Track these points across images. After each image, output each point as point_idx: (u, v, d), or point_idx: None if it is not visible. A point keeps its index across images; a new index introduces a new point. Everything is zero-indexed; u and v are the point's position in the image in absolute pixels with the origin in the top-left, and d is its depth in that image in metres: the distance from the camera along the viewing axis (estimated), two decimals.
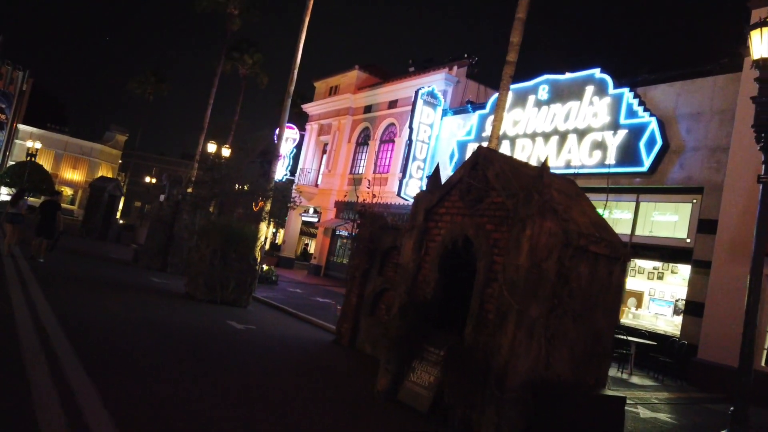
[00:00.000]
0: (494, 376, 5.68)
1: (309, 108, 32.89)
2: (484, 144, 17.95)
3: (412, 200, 22.24)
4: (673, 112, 14.69)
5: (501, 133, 19.11)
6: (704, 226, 13.34)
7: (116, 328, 8.16)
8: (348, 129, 29.29)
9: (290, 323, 11.98)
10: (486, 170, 6.56)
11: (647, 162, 14.58)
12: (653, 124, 14.60)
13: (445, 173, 21.85)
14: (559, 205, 6.18)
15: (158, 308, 10.66)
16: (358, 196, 12.20)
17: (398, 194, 21.97)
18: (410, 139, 22.06)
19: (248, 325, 10.43)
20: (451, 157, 20.88)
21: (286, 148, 32.12)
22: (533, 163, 17.63)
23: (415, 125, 21.92)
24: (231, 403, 5.64)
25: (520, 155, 18.14)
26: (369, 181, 19.38)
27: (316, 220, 30.74)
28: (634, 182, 15.14)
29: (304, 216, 31.89)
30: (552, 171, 16.95)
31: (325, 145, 31.29)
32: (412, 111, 22.06)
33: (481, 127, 19.93)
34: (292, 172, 34.00)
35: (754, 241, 7.00)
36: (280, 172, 29.71)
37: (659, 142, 14.44)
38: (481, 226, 6.44)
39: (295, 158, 34.39)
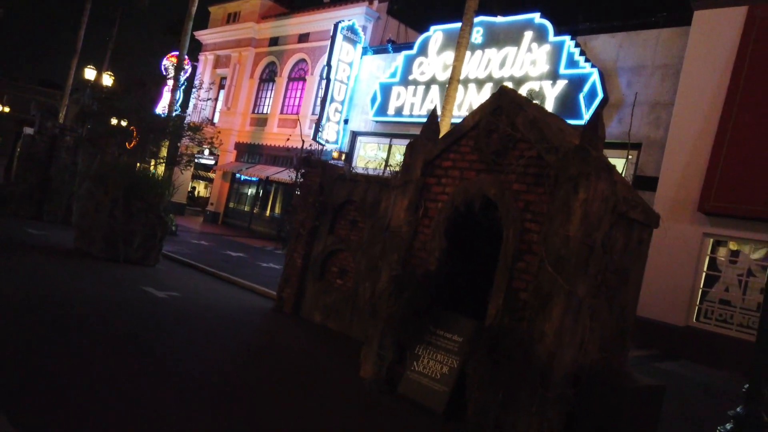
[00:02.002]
0: (537, 371, 4.65)
1: (203, 36, 29.39)
2: (434, 88, 16.55)
3: (327, 145, 20.68)
4: (613, 65, 14.31)
5: (429, 77, 17.98)
6: (641, 182, 13.26)
7: (5, 311, 6.10)
8: (250, 63, 26.53)
9: (215, 286, 10.25)
10: (514, 117, 5.33)
11: (587, 115, 14.16)
12: (595, 76, 14.15)
13: (365, 118, 20.48)
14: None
15: (50, 274, 8.48)
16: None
17: (314, 138, 20.19)
18: (328, 78, 20.18)
19: (170, 292, 8.62)
20: (373, 100, 19.40)
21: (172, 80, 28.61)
22: (465, 111, 16.72)
23: (333, 63, 20.04)
24: (196, 407, 4.12)
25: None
26: (299, 123, 17.35)
27: (212, 162, 28.03)
28: None
29: (198, 157, 28.91)
30: None
31: (223, 79, 28.26)
32: (331, 47, 20.10)
33: (407, 70, 18.56)
34: (182, 107, 30.54)
35: None
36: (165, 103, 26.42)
37: (600, 95, 14.04)
38: (507, 185, 5.27)
39: (186, 92, 30.88)
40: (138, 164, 11.77)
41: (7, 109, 47.98)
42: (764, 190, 10.91)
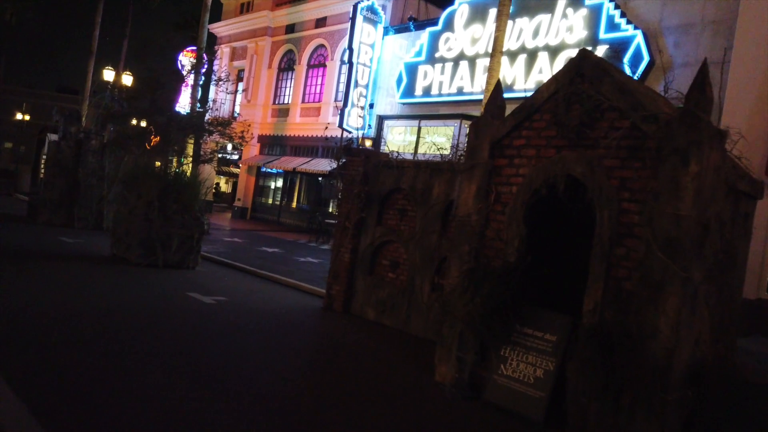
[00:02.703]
0: (652, 371, 4.07)
1: (217, 29, 28.88)
2: (463, 62, 15.68)
3: (354, 132, 20.09)
4: (658, 25, 13.43)
5: (457, 53, 17.23)
6: None
7: (50, 328, 5.69)
8: (267, 52, 25.98)
9: (258, 286, 9.81)
10: (598, 83, 4.68)
11: None
12: (639, 38, 13.30)
13: (391, 101, 19.82)
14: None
15: (90, 284, 8.10)
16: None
17: (340, 126, 19.62)
18: (350, 62, 19.54)
19: (216, 296, 8.19)
20: (398, 81, 18.72)
21: (191, 76, 28.20)
22: None
23: (354, 46, 19.37)
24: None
25: (481, 77, 16.37)
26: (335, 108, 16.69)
27: (236, 157, 27.67)
28: None
29: (221, 153, 28.57)
30: (521, 95, 15.45)
31: (240, 71, 27.77)
32: (351, 29, 19.42)
33: (433, 47, 17.82)
34: (202, 102, 30.17)
35: None
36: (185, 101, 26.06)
37: (646, 59, 13.21)
38: (597, 161, 4.64)
39: (204, 87, 30.47)
40: (170, 165, 11.34)
41: (27, 117, 48.20)
42: None
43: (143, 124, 16.51)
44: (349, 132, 19.75)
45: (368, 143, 19.97)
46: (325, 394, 4.85)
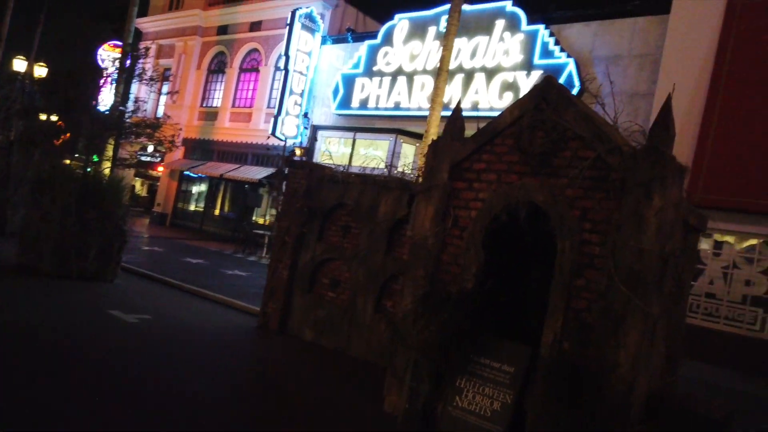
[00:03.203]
0: (612, 406, 4.03)
1: (143, 24, 27.44)
2: (383, 79, 15.54)
3: (287, 140, 19.60)
4: (589, 54, 13.99)
5: (396, 68, 17.19)
6: None
7: None
8: (197, 53, 24.96)
9: (185, 302, 9.18)
10: (563, 111, 4.66)
11: None
12: (571, 66, 13.79)
13: (326, 111, 19.52)
14: None
15: None
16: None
17: (272, 133, 19.07)
18: (286, 69, 19.06)
19: (139, 314, 7.54)
20: (335, 92, 18.46)
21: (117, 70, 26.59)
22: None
23: (291, 53, 18.93)
24: None
25: (419, 94, 16.45)
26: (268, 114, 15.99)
27: (157, 159, 26.30)
28: None
29: (140, 155, 27.05)
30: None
31: (167, 70, 26.47)
32: (288, 36, 18.98)
33: (371, 60, 17.72)
34: (122, 101, 28.49)
35: None
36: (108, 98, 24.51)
37: (577, 86, 13.70)
38: (558, 190, 4.60)
39: (126, 85, 28.82)
40: (89, 166, 10.45)
41: None
42: (751, 182, 10.81)
43: (54, 119, 15.29)
44: (283, 140, 19.23)
45: (298, 152, 19.56)
46: (261, 428, 4.48)
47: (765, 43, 11.07)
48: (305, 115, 19.55)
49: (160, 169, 25.90)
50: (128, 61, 15.11)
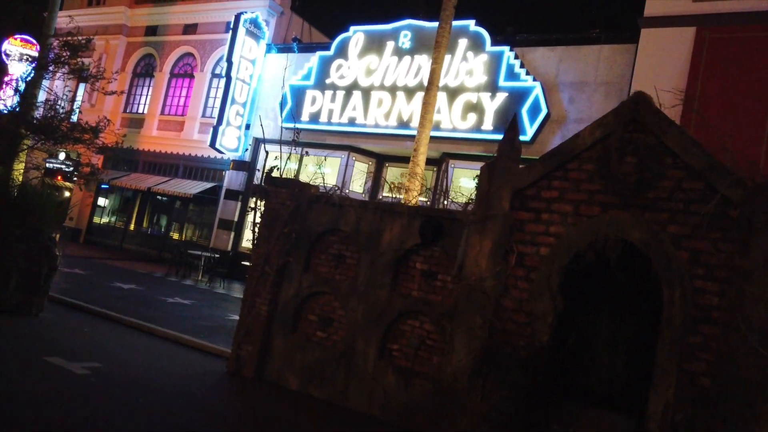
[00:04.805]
0: None
1: (58, 18, 24.80)
2: (354, 94, 14.60)
3: (227, 153, 18.08)
4: (554, 79, 13.80)
5: (351, 82, 16.28)
6: None
7: None
8: (120, 54, 22.83)
9: (134, 341, 7.70)
10: (662, 134, 3.97)
11: (530, 131, 13.48)
12: (537, 90, 13.52)
13: (270, 123, 18.23)
14: None
15: None
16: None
17: (212, 145, 17.50)
18: (228, 76, 17.62)
19: (86, 362, 6.07)
20: (283, 104, 17.26)
21: (19, 68, 23.77)
22: (394, 121, 15.33)
23: (234, 59, 17.54)
24: None
25: (376, 111, 15.64)
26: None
27: (69, 168, 23.64)
28: None
29: (48, 162, 24.26)
30: (416, 133, 14.74)
31: (84, 71, 23.99)
32: (232, 41, 17.58)
33: (323, 72, 16.71)
34: (27, 101, 25.53)
35: None
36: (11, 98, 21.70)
37: (544, 110, 13.44)
38: (659, 226, 3.89)
39: (33, 84, 25.91)
40: (12, 175, 8.70)
41: None
42: None
43: None
44: (223, 153, 17.72)
45: (232, 167, 18.14)
46: None
47: (734, 75, 11.25)
48: (247, 126, 18.16)
49: (73, 180, 23.20)
50: (52, 54, 13.22)
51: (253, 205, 7.39)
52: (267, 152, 17.86)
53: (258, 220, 7.29)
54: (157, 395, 5.55)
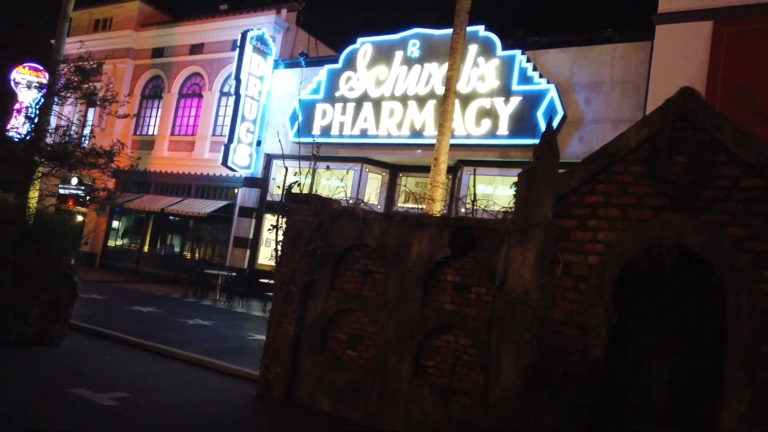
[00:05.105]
0: None
1: (66, 44, 24.95)
2: (364, 104, 14.50)
3: (239, 170, 17.99)
4: (568, 81, 13.59)
5: (360, 94, 16.15)
6: None
7: None
8: (128, 77, 22.89)
9: (159, 368, 7.51)
10: (715, 131, 3.75)
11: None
12: (552, 92, 13.30)
13: (280, 139, 18.14)
14: None
15: None
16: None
17: (223, 163, 17.42)
18: (237, 94, 17.56)
19: (113, 392, 5.88)
20: (293, 119, 17.17)
21: (29, 95, 23.89)
22: (406, 130, 15.17)
23: (243, 77, 17.49)
24: None
25: (388, 121, 15.49)
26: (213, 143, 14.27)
27: (81, 193, 23.66)
28: (527, 156, 13.71)
29: (61, 188, 24.29)
30: (431, 142, 14.56)
31: (93, 95, 24.08)
32: (239, 59, 17.54)
33: (332, 85, 16.61)
34: (39, 128, 25.64)
35: None
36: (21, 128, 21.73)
37: (560, 112, 13.22)
38: (718, 228, 3.65)
39: (44, 111, 26.04)
40: (27, 203, 8.59)
41: None
42: None
43: None
44: (235, 170, 17.63)
45: (244, 184, 17.99)
46: None
47: (756, 68, 10.99)
48: (258, 143, 18.07)
49: (86, 205, 23.18)
50: (63, 80, 13.20)
51: (275, 223, 7.19)
52: (286, 168, 17.72)
53: (281, 238, 7.12)
54: (189, 425, 5.35)
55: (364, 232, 6.66)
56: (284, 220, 7.17)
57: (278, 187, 16.32)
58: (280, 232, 7.16)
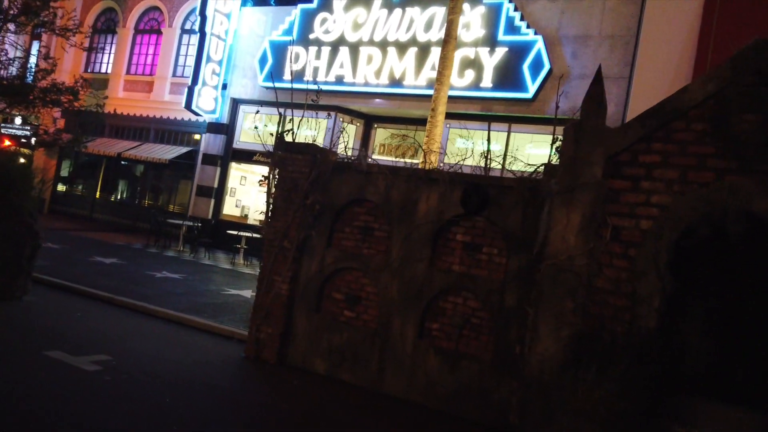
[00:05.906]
0: None
1: None
2: (333, 49, 13.64)
3: (204, 114, 16.96)
4: (556, 33, 13.13)
5: (337, 37, 15.28)
6: None
7: None
8: (78, 7, 20.99)
9: (135, 325, 6.96)
10: None
11: (532, 88, 12.88)
12: (540, 44, 12.86)
13: (248, 83, 17.15)
14: None
15: None
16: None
17: (187, 107, 16.34)
18: (202, 32, 16.34)
19: (92, 355, 5.35)
20: (263, 61, 16.17)
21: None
22: (385, 79, 14.49)
23: (208, 13, 16.24)
24: None
25: (365, 68, 14.75)
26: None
27: (26, 132, 22.03)
28: (510, 110, 13.37)
29: (3, 128, 22.51)
30: (411, 92, 14.01)
31: (37, 26, 22.12)
32: None
33: (306, 27, 15.63)
34: None
35: None
36: None
37: (546, 66, 12.82)
38: None
39: None
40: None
41: None
42: None
43: None
44: (199, 115, 16.61)
45: (208, 130, 17.02)
46: None
47: (751, 24, 10.81)
48: (224, 86, 17.02)
49: (9, 143, 21.52)
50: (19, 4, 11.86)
51: (266, 175, 6.62)
52: (290, 115, 16.79)
53: (273, 191, 6.57)
54: (183, 391, 4.91)
55: (366, 186, 6.19)
56: (276, 171, 6.61)
57: (253, 133, 15.49)
58: (268, 187, 6.61)
